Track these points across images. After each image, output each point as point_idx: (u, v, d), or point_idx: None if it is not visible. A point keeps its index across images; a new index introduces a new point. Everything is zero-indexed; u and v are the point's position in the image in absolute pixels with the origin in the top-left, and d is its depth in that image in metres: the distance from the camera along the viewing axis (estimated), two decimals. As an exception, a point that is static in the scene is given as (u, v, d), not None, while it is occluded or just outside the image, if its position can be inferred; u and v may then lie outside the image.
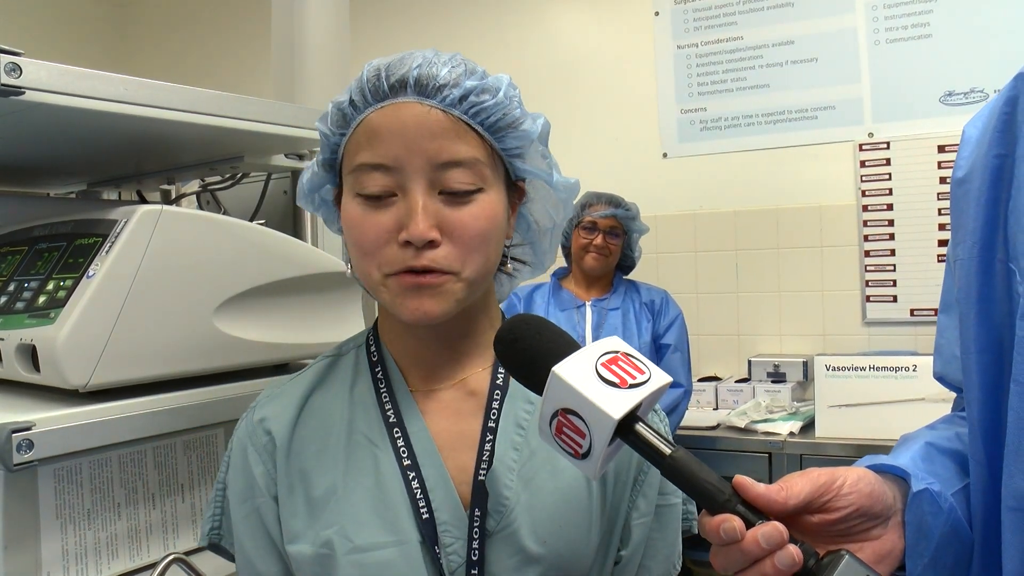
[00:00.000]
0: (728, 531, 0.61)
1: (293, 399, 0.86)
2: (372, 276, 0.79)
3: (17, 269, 1.13)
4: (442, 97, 0.77)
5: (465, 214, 0.78)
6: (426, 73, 0.78)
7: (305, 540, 0.80)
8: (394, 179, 0.77)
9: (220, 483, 0.89)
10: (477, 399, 0.85)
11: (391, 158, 0.76)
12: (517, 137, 0.82)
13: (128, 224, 1.01)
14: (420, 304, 0.77)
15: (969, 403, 0.77)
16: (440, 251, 0.77)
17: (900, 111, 3.15)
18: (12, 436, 0.86)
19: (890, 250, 3.17)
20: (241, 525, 0.84)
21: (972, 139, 0.80)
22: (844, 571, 0.60)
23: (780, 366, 3.17)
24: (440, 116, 0.77)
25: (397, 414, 0.83)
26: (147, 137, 1.16)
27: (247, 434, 0.86)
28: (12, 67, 0.88)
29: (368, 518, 0.79)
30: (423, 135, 0.76)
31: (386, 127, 0.77)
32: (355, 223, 0.79)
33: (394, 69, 0.78)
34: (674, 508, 0.89)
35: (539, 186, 0.88)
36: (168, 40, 5.03)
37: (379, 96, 0.78)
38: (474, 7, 3.98)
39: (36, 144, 1.21)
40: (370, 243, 0.78)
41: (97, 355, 0.96)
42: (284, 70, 1.83)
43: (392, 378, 0.86)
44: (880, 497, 0.71)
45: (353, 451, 0.82)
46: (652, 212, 3.41)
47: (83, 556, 0.97)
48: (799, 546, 0.61)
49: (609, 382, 0.64)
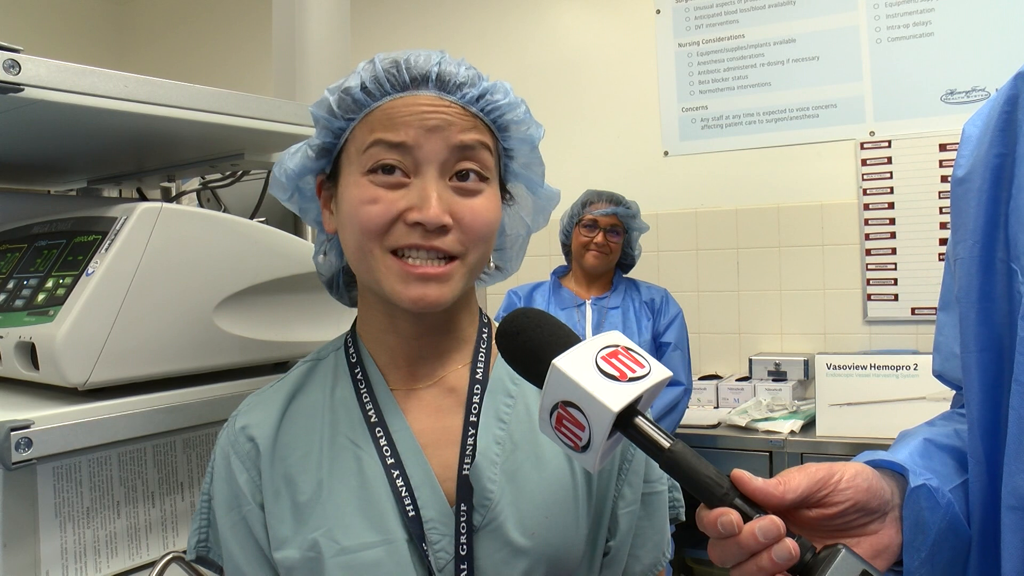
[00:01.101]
0: (726, 524, 0.61)
1: (274, 405, 0.86)
2: (372, 252, 0.79)
3: (16, 266, 1.12)
4: (462, 94, 0.81)
5: (475, 203, 0.80)
6: (447, 71, 0.81)
7: (292, 546, 0.79)
8: (410, 160, 0.78)
9: (205, 494, 0.88)
10: (457, 395, 0.85)
11: (410, 138, 0.78)
12: (521, 138, 0.85)
13: (128, 222, 1.00)
14: (424, 292, 0.78)
15: (969, 402, 0.77)
16: (449, 237, 0.78)
17: (902, 109, 3.15)
18: (11, 434, 0.86)
19: (891, 248, 3.16)
20: (229, 535, 0.84)
21: (972, 138, 0.80)
22: (840, 565, 0.61)
23: (781, 364, 3.16)
24: (459, 110, 0.80)
25: (379, 414, 0.83)
26: (147, 134, 1.16)
27: (229, 443, 0.86)
28: (11, 64, 0.88)
29: (354, 519, 0.79)
30: (442, 124, 0.79)
31: (406, 113, 0.79)
32: (364, 200, 0.78)
33: (414, 62, 0.80)
34: (660, 496, 0.90)
35: (520, 193, 0.90)
36: (168, 37, 5.03)
37: (398, 86, 0.80)
38: (475, 5, 3.98)
39: (36, 141, 1.21)
40: (378, 220, 0.78)
41: (96, 353, 0.96)
42: (285, 67, 1.83)
43: (372, 379, 0.86)
44: (877, 492, 0.71)
45: (337, 454, 0.82)
46: (653, 210, 3.41)
47: (82, 554, 0.97)
48: (796, 540, 0.62)
49: (609, 375, 0.64)
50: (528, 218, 0.92)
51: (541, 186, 0.90)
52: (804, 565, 0.62)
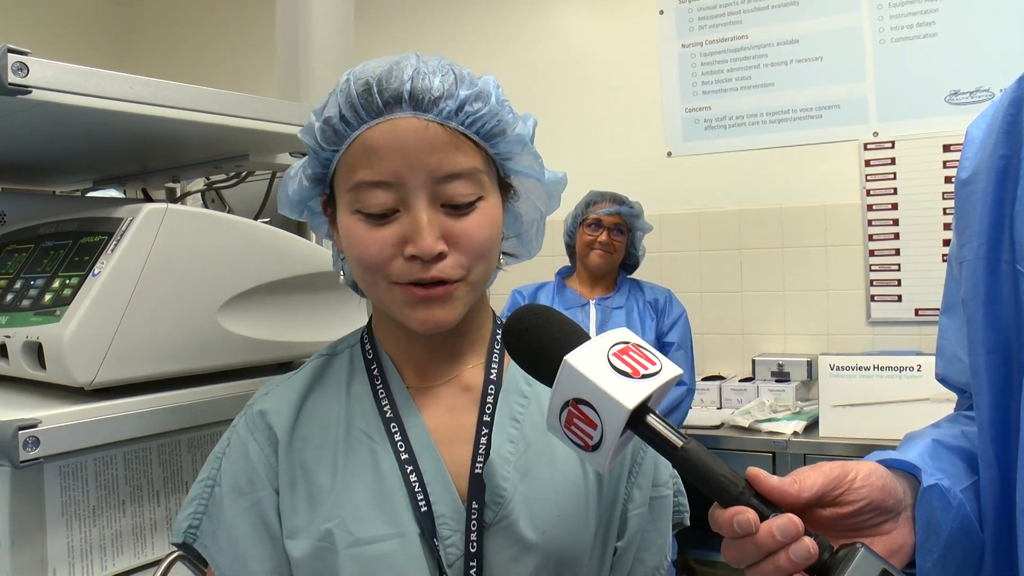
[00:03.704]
0: (742, 523, 0.60)
1: (291, 397, 0.87)
2: (378, 286, 0.80)
3: (23, 267, 1.13)
4: (438, 110, 0.77)
5: (469, 224, 0.78)
6: (420, 86, 0.77)
7: (304, 535, 0.80)
8: (396, 195, 0.77)
9: (209, 480, 0.86)
10: (472, 394, 0.86)
11: (391, 174, 0.76)
12: (510, 142, 0.83)
13: (133, 222, 1.01)
14: (430, 315, 0.79)
15: (978, 404, 0.77)
16: (447, 262, 0.78)
17: (905, 110, 3.14)
18: (18, 433, 0.87)
19: (895, 249, 3.16)
20: (239, 519, 0.82)
21: (976, 140, 0.80)
22: (860, 564, 0.59)
23: (784, 365, 3.16)
24: (438, 129, 0.77)
25: (394, 410, 0.84)
26: (152, 135, 1.17)
27: (248, 428, 0.86)
28: (19, 66, 0.89)
29: (368, 512, 0.79)
30: (422, 150, 0.76)
31: (384, 144, 0.77)
32: (357, 240, 0.78)
33: (386, 83, 0.77)
34: (666, 500, 0.90)
35: (526, 181, 0.89)
36: (173, 37, 5.05)
37: (373, 112, 0.78)
38: (478, 6, 3.98)
39: (42, 142, 1.22)
40: (374, 259, 0.78)
41: (102, 353, 0.97)
42: (289, 68, 1.83)
43: (388, 375, 0.86)
44: (892, 491, 0.70)
45: (352, 447, 0.83)
46: (657, 211, 3.41)
47: (88, 552, 0.98)
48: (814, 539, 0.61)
49: (622, 372, 0.63)
50: (540, 203, 0.91)
51: (544, 175, 0.89)
52: (822, 564, 0.60)
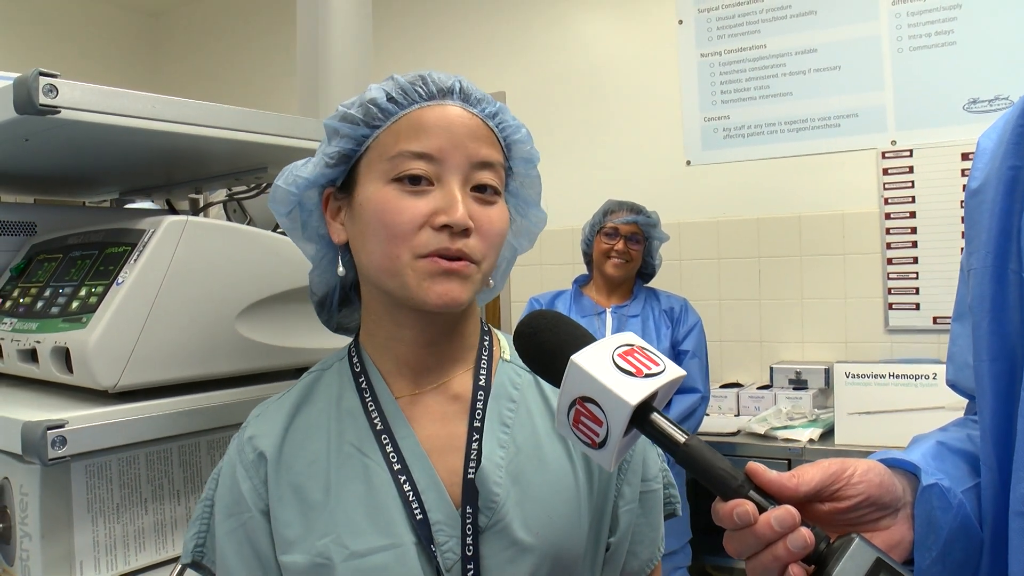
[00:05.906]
0: (742, 515, 0.62)
1: (280, 416, 0.89)
2: (400, 258, 0.81)
3: (53, 275, 1.18)
4: (482, 108, 0.87)
5: (492, 212, 0.84)
6: (467, 86, 0.87)
7: (299, 550, 0.81)
8: (434, 169, 0.82)
9: (208, 500, 0.90)
10: (461, 402, 0.88)
11: (436, 149, 0.82)
12: (524, 158, 0.91)
13: (155, 234, 1.06)
14: (448, 288, 0.81)
15: (981, 410, 0.78)
16: (472, 240, 0.82)
17: (923, 119, 3.13)
18: (47, 433, 0.91)
19: (913, 258, 3.15)
20: (225, 540, 0.86)
21: (987, 150, 0.81)
22: (855, 553, 0.61)
23: (802, 373, 3.16)
24: (479, 123, 0.86)
25: (384, 422, 0.85)
26: (176, 150, 1.21)
27: (237, 452, 0.88)
28: (49, 88, 0.94)
29: (363, 524, 0.80)
30: (466, 135, 0.84)
31: (434, 123, 0.83)
32: (391, 207, 0.81)
33: (438, 77, 0.86)
34: (656, 493, 0.93)
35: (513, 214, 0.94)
36: (199, 51, 5.14)
37: (425, 97, 0.85)
38: (498, 17, 4.02)
39: (72, 158, 1.27)
40: (405, 226, 0.81)
41: (126, 358, 1.01)
42: (308, 84, 1.88)
43: (376, 387, 0.88)
44: (890, 488, 0.72)
45: (343, 461, 0.84)
46: (675, 219, 3.43)
47: (112, 548, 1.02)
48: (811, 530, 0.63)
49: (625, 371, 0.66)
50: (516, 240, 0.96)
51: (534, 207, 0.94)
52: (818, 554, 0.62)
